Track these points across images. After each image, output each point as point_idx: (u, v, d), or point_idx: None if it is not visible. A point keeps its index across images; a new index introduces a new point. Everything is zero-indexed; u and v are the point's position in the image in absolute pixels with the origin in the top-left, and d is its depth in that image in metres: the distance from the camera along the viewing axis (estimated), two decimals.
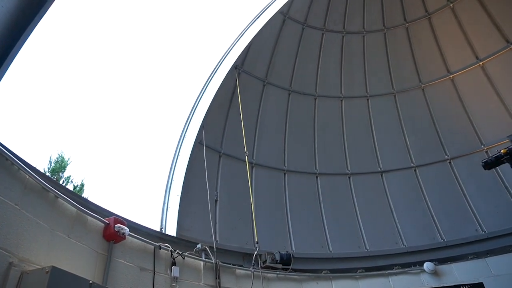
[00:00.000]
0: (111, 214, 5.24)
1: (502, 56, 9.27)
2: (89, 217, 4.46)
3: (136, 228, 5.83)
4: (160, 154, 8.30)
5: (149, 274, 5.04)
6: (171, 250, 5.57)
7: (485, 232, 8.53)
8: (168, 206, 7.57)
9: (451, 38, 10.15)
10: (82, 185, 13.86)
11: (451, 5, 10.01)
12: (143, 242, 5.26)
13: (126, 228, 4.75)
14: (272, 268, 7.13)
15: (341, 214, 9.47)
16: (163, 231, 6.97)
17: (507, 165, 2.28)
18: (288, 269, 7.25)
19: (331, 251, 8.79)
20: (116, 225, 4.64)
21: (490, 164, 2.33)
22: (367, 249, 8.90)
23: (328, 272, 7.73)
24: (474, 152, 9.39)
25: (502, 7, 9.40)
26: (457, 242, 8.61)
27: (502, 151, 2.22)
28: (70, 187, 13.11)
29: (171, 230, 7.11)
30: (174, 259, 5.54)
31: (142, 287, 4.81)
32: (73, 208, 4.24)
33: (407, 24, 10.52)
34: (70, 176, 13.69)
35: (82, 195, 9.95)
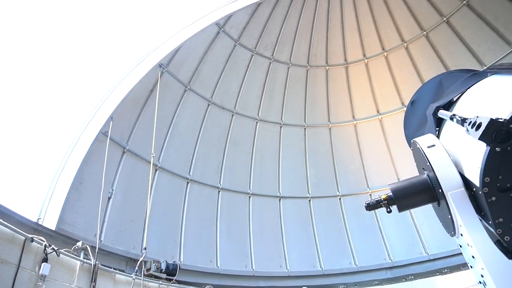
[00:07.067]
0: None
1: (396, 115, 10.69)
2: None
3: (6, 214, 5.12)
4: (54, 137, 7.45)
5: (12, 269, 4.43)
6: (45, 245, 4.99)
7: (357, 265, 9.50)
8: (52, 196, 6.81)
9: (360, 89, 11.39)
10: None
11: (366, 60, 11.28)
12: (12, 232, 4.63)
13: None
14: (156, 277, 6.87)
15: (235, 232, 9.64)
16: (40, 222, 6.22)
17: (384, 209, 2.61)
18: (172, 279, 7.07)
19: (218, 267, 8.82)
20: None
21: (372, 206, 2.62)
22: (253, 269, 9.17)
23: (211, 287, 7.73)
24: (360, 193, 10.51)
25: (402, 70, 10.92)
26: (333, 272, 9.43)
27: (382, 196, 2.53)
28: None
29: (51, 222, 6.37)
30: (46, 255, 4.96)
31: None
32: None
33: (327, 67, 11.50)
34: None
35: None
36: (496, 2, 9.57)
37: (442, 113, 2.70)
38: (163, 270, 6.97)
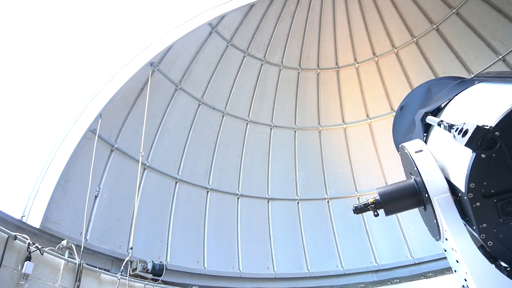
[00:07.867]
0: None
1: (386, 119, 10.80)
2: None
3: None
4: (41, 133, 7.34)
5: None
6: (28, 243, 4.90)
7: (343, 268, 9.56)
8: (38, 193, 6.68)
9: (351, 93, 11.49)
10: None
11: (357, 65, 11.39)
12: None
13: None
14: (142, 277, 6.80)
15: (223, 233, 9.60)
16: (24, 220, 6.10)
17: (371, 212, 2.65)
18: (158, 280, 7.00)
19: (205, 268, 8.78)
20: None
21: (359, 209, 2.66)
22: (240, 270, 9.14)
23: None
24: (348, 197, 10.59)
25: (392, 75, 11.06)
26: (320, 275, 9.46)
27: (370, 200, 2.56)
28: None
29: (35, 220, 6.25)
30: (30, 253, 4.87)
31: None
32: None
33: (318, 70, 11.56)
34: None
35: None
36: (484, 11, 9.76)
37: (430, 119, 2.74)
38: (149, 270, 6.89)
